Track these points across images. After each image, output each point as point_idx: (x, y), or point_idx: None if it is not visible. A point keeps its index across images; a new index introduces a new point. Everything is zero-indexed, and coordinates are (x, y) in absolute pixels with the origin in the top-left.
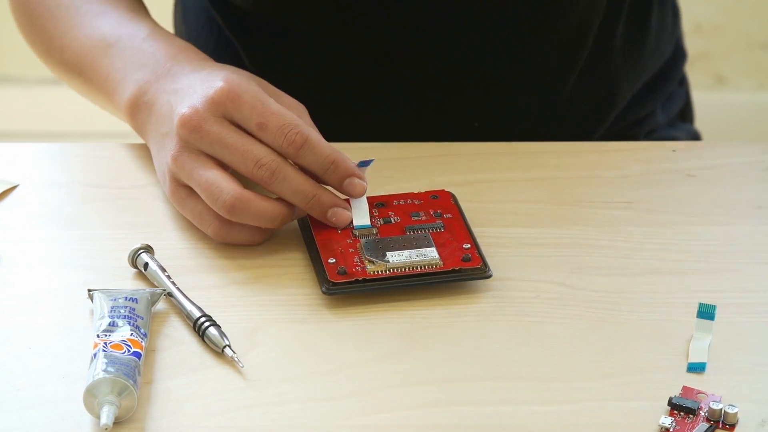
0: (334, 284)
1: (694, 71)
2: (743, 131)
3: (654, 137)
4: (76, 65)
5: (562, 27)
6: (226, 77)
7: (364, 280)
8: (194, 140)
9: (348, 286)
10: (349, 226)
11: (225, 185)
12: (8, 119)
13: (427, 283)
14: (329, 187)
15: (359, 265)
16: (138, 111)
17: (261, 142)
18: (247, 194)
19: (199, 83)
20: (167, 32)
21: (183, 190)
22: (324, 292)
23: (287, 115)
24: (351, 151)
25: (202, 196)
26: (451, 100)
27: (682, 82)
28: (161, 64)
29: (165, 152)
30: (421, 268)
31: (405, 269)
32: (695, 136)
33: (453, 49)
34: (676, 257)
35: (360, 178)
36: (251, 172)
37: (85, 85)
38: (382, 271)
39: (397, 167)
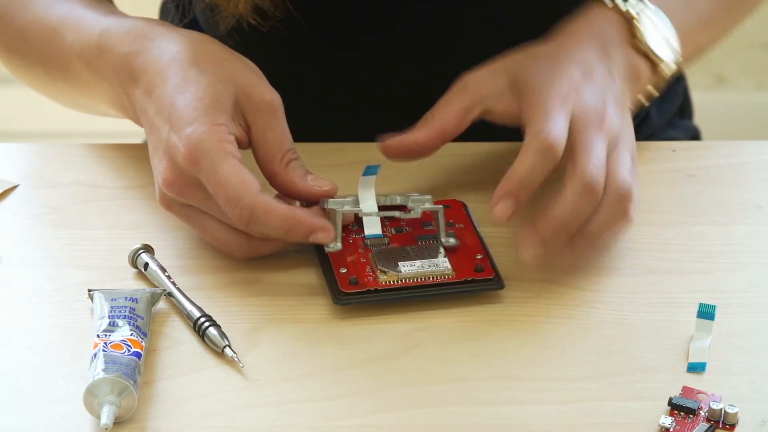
0: (346, 294)
1: (694, 71)
2: (743, 131)
3: (653, 140)
4: (62, 80)
5: (554, 21)
6: (187, 137)
7: (376, 291)
8: (176, 197)
9: (360, 297)
10: (361, 236)
11: (227, 237)
12: (8, 119)
13: (439, 293)
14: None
15: (371, 275)
16: (135, 84)
17: None
18: (251, 245)
19: (169, 132)
20: (111, 11)
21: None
22: (335, 303)
23: (233, 185)
24: (351, 152)
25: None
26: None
27: (678, 78)
28: (116, 56)
29: (153, 159)
30: (433, 278)
31: (417, 279)
32: (695, 133)
33: (455, 48)
34: (676, 257)
35: (323, 228)
36: (236, 226)
37: (75, 88)
38: (394, 282)
39: (398, 168)
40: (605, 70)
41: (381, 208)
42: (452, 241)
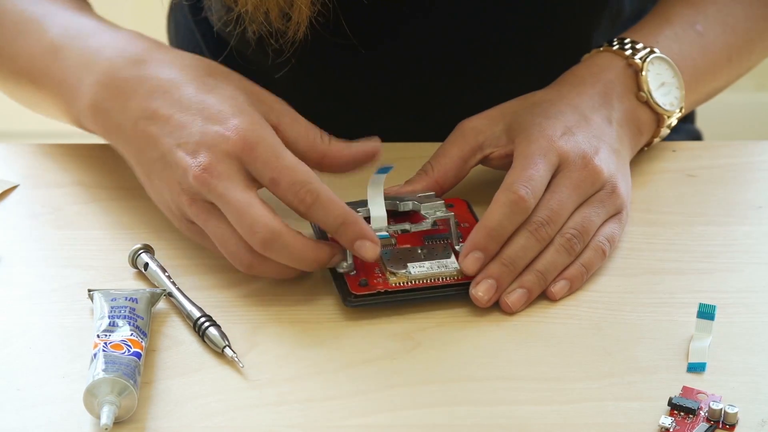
0: (356, 296)
1: None
2: (743, 131)
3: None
4: (28, 73)
5: (565, 31)
6: (237, 126)
7: (386, 292)
8: (203, 192)
9: (370, 298)
10: None
11: (241, 244)
12: (8, 119)
13: (448, 294)
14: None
15: (380, 277)
16: (100, 118)
17: (275, 196)
18: (259, 259)
19: (204, 123)
20: (112, 25)
21: (194, 228)
22: (346, 305)
23: (300, 170)
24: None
25: (219, 247)
26: (453, 101)
27: None
28: (112, 62)
29: (163, 186)
30: (442, 279)
31: (426, 281)
32: (696, 136)
33: (456, 51)
34: (676, 257)
35: (372, 240)
36: (246, 236)
37: (40, 94)
38: (404, 283)
39: (398, 167)
40: (603, 117)
41: (391, 213)
42: None
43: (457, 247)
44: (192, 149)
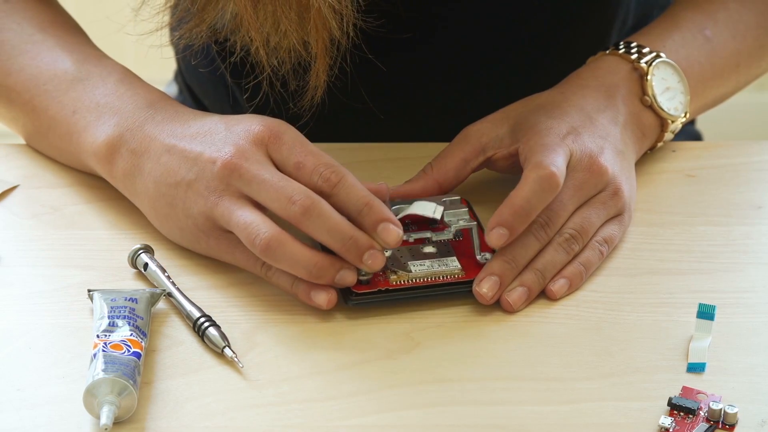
0: (357, 295)
1: None
2: (743, 131)
3: None
4: (24, 92)
5: (575, 44)
6: (261, 120)
7: (387, 290)
8: (234, 180)
9: (371, 297)
10: None
11: (263, 225)
12: None
13: (449, 293)
14: None
15: (381, 275)
16: (118, 158)
17: (298, 181)
18: (284, 235)
19: (227, 129)
20: (139, 77)
21: (224, 240)
22: (346, 303)
23: (324, 156)
24: (351, 151)
25: (241, 237)
26: (455, 104)
27: None
28: (141, 110)
29: (190, 204)
30: (443, 278)
31: (427, 279)
32: (695, 136)
33: (460, 55)
34: (676, 257)
35: (395, 224)
36: (284, 209)
37: (31, 116)
38: (405, 281)
39: (397, 167)
40: (608, 118)
41: (409, 219)
42: (488, 256)
43: (478, 257)
44: (218, 147)
